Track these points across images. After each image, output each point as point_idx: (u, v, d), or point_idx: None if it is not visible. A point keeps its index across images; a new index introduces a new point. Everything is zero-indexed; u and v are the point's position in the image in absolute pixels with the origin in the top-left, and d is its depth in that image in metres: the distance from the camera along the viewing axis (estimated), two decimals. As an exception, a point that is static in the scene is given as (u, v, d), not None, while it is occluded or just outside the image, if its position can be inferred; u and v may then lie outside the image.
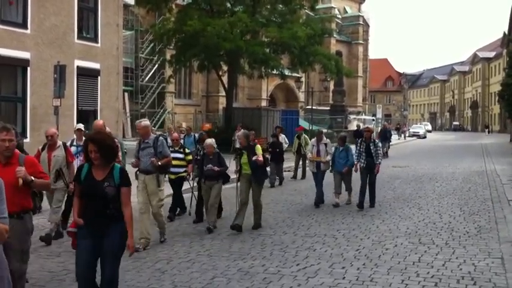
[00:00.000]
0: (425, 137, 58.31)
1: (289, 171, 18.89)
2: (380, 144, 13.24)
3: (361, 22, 70.08)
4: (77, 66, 18.57)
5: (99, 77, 19.61)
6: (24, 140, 16.15)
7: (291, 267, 7.33)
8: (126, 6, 32.79)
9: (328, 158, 12.70)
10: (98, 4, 19.66)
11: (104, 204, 4.98)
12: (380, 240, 8.92)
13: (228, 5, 30.01)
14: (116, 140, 6.09)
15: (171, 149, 10.16)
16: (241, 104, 47.85)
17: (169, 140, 11.18)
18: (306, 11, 35.06)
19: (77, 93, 18.71)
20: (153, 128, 37.51)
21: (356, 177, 12.77)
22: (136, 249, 7.37)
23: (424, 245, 8.53)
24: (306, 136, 18.54)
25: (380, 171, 12.87)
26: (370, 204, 12.18)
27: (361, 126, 39.23)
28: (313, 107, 35.63)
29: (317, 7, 35.35)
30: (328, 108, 48.49)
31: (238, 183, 10.05)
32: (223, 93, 34.36)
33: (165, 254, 8.13)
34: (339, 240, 8.90)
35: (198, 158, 10.48)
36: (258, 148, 9.91)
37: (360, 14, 72.25)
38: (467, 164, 24.11)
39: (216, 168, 9.68)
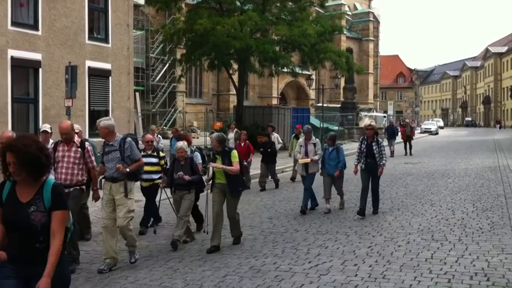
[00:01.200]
0: (437, 133, 58.02)
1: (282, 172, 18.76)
2: (384, 144, 11.84)
3: (371, 18, 69.89)
4: (88, 67, 18.69)
5: (110, 77, 19.71)
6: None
7: (302, 265, 7.34)
8: (137, 6, 32.95)
9: (317, 157, 11.59)
10: (108, 5, 19.75)
11: (29, 235, 3.65)
12: (392, 237, 8.90)
13: (238, 3, 30.02)
14: (44, 148, 4.87)
15: (143, 153, 9.29)
16: (252, 102, 47.97)
17: (141, 144, 9.79)
18: (316, 8, 35.03)
19: (89, 93, 18.83)
20: (164, 127, 37.20)
21: (356, 180, 12.35)
22: (101, 270, 7.13)
23: (437, 242, 8.50)
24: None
25: (392, 168, 12.75)
26: (373, 210, 11.08)
27: (364, 122, 39.12)
28: (324, 105, 35.54)
29: (327, 4, 35.22)
30: (339, 105, 48.38)
31: (211, 195, 8.74)
32: (234, 92, 34.41)
33: (177, 252, 8.16)
34: (351, 237, 8.89)
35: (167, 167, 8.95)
36: (234, 154, 8.38)
37: (370, 10, 72.08)
38: (480, 159, 23.95)
39: (186, 177, 8.39)
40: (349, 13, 65.37)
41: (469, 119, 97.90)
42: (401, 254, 7.79)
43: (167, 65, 40.69)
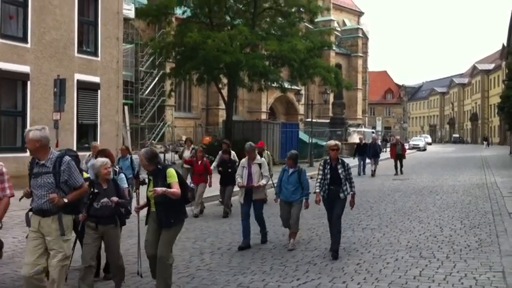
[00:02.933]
0: (425, 150, 58.33)
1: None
2: (350, 166, 9.31)
3: (360, 35, 70.40)
4: (77, 80, 18.64)
5: (99, 91, 19.67)
6: (24, 155, 16.21)
7: (291, 282, 7.29)
8: (127, 19, 32.96)
9: (263, 182, 9.59)
10: (98, 18, 19.76)
11: None
12: (381, 254, 8.88)
13: (228, 18, 30.15)
14: None
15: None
16: (241, 116, 47.94)
17: (83, 163, 8.14)
18: (305, 24, 35.21)
19: (77, 106, 18.76)
20: (153, 142, 36.61)
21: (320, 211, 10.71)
22: None
23: (425, 259, 8.49)
24: (269, 153, 15.82)
25: (381, 184, 12.62)
26: (331, 253, 8.68)
27: (355, 138, 38.64)
28: (313, 120, 35.64)
29: (316, 20, 35.41)
30: (328, 120, 48.56)
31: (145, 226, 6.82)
32: (223, 106, 34.38)
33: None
34: (339, 254, 8.86)
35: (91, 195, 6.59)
36: (171, 173, 6.41)
37: (359, 26, 72.62)
38: (468, 176, 24.07)
39: (114, 199, 6.48)
40: (338, 29, 65.83)
41: (457, 135, 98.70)
42: (390, 272, 7.77)
43: (156, 78, 40.64)
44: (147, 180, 6.67)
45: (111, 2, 20.35)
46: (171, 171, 6.44)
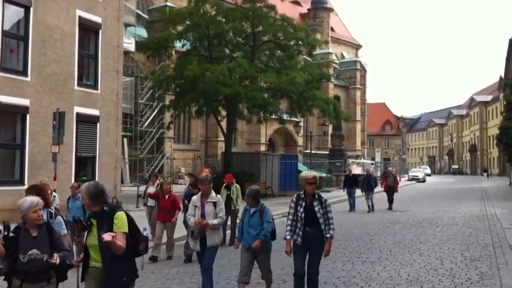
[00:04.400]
0: (424, 181, 58.20)
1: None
2: (329, 203, 7.56)
3: (358, 67, 70.97)
4: (77, 113, 18.69)
5: (98, 123, 19.69)
6: (21, 188, 16.14)
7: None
8: (127, 53, 33.30)
9: (217, 221, 7.86)
10: (99, 52, 19.92)
11: None
12: (381, 288, 8.76)
13: (227, 51, 30.46)
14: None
15: None
16: (240, 148, 47.99)
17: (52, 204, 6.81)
18: (304, 56, 35.56)
19: (76, 139, 18.76)
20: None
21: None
22: None
23: (426, 293, 8.38)
24: (238, 187, 14.02)
25: (380, 216, 12.41)
26: None
27: (354, 169, 37.79)
28: (312, 151, 35.69)
29: (315, 53, 35.82)
30: (327, 152, 48.57)
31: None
32: (222, 138, 34.46)
33: None
34: (339, 288, 8.73)
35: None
36: (120, 218, 5.02)
37: (357, 59, 73.25)
38: (468, 208, 23.97)
39: (55, 257, 5.11)
40: (337, 61, 66.41)
41: (456, 166, 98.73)
42: (390, 306, 7.66)
43: (156, 111, 40.81)
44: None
45: (112, 36, 20.55)
46: (121, 216, 5.03)
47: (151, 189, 13.94)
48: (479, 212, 21.99)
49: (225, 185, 13.81)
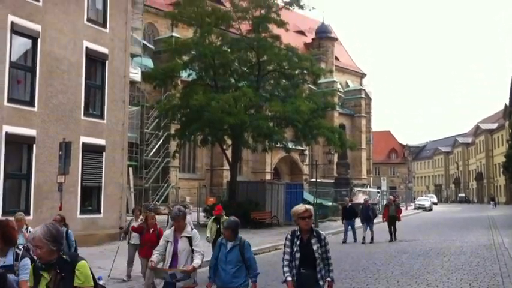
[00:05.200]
0: (431, 210, 57.80)
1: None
2: (328, 241, 6.50)
3: (363, 95, 71.26)
4: (83, 143, 18.76)
5: (104, 153, 19.75)
6: (27, 218, 16.15)
7: None
8: (133, 82, 33.55)
9: (197, 262, 6.89)
10: (105, 82, 20.08)
11: None
12: (388, 320, 8.63)
13: (233, 80, 30.69)
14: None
15: None
16: (245, 177, 47.97)
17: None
18: (309, 85, 35.78)
19: (82, 169, 18.80)
20: (156, 203, 36.19)
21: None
22: None
23: (434, 325, 8.25)
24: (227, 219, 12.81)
25: (387, 246, 12.15)
26: None
27: (360, 198, 37.11)
28: (318, 180, 35.57)
29: (319, 81, 36.09)
30: (333, 181, 48.44)
31: None
32: (228, 167, 34.46)
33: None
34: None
35: None
36: (83, 271, 4.12)
37: (362, 87, 73.61)
38: (475, 237, 23.75)
39: None
40: (341, 90, 66.78)
41: (463, 195, 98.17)
42: (399, 339, 7.53)
43: (161, 140, 40.95)
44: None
45: (118, 66, 20.75)
46: (84, 267, 4.14)
47: (135, 225, 12.48)
48: (486, 241, 21.77)
49: (213, 217, 12.81)
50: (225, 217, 12.13)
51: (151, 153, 41.10)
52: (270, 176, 51.58)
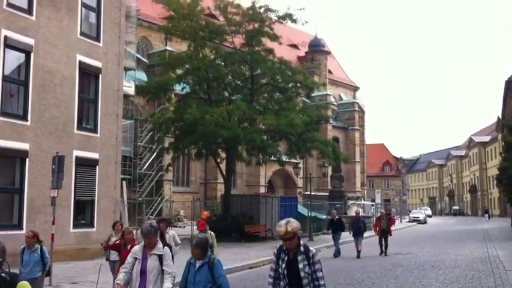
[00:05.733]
0: (425, 222, 57.83)
1: None
2: (318, 259, 5.67)
3: (356, 108, 71.47)
4: (76, 157, 18.69)
5: (97, 167, 19.66)
6: (20, 232, 16.02)
7: None
8: (126, 96, 33.51)
9: (167, 287, 6.31)
10: (99, 95, 20.04)
11: None
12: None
13: (226, 93, 30.75)
14: None
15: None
16: (239, 190, 47.86)
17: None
18: (302, 98, 35.88)
19: (75, 183, 18.70)
20: (150, 217, 36.22)
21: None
22: None
23: None
24: (213, 234, 12.28)
25: (382, 259, 12.20)
26: None
27: (353, 211, 36.66)
28: (312, 193, 35.54)
29: (313, 95, 36.23)
30: (327, 193, 48.41)
31: None
32: (222, 180, 34.42)
33: None
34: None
35: None
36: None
37: (355, 100, 73.84)
38: (469, 250, 23.74)
39: None
40: (335, 103, 66.96)
41: (457, 207, 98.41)
42: None
43: (155, 153, 40.85)
44: None
45: (112, 80, 20.74)
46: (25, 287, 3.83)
47: (114, 240, 11.56)
48: (481, 254, 21.76)
49: (197, 233, 11.71)
50: (210, 232, 11.80)
51: (145, 167, 40.96)
52: (264, 189, 51.49)
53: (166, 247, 6.76)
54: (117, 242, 10.85)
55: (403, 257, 21.19)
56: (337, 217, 23.16)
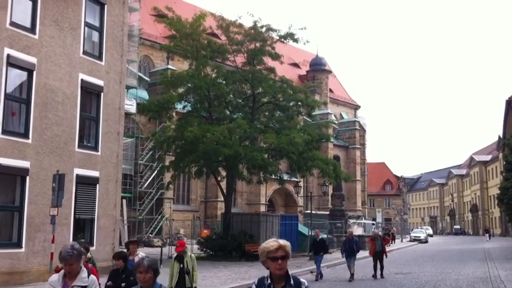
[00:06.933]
0: (426, 242, 57.56)
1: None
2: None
3: (357, 127, 71.61)
4: (77, 175, 18.64)
5: (97, 185, 19.62)
6: (19, 250, 15.98)
7: None
8: (128, 114, 33.65)
9: None
10: (100, 114, 20.05)
11: None
12: None
13: (227, 112, 30.83)
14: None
15: None
16: (240, 209, 47.80)
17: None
18: (303, 117, 35.96)
19: (75, 201, 18.62)
20: (150, 235, 35.98)
21: None
22: None
23: None
24: (193, 257, 10.25)
25: (383, 279, 12.09)
26: None
27: (355, 230, 35.83)
28: (313, 212, 35.48)
29: (314, 113, 36.26)
30: (328, 212, 48.28)
31: None
32: (222, 199, 34.38)
33: None
34: None
35: None
36: None
37: (356, 119, 74.00)
38: (471, 269, 23.61)
39: None
40: (336, 122, 67.09)
41: (458, 227, 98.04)
42: None
43: (156, 171, 40.87)
44: None
45: (113, 98, 20.79)
46: None
47: None
48: (482, 273, 21.65)
49: (175, 255, 10.16)
50: (190, 254, 10.19)
51: (145, 185, 40.98)
52: (265, 207, 51.40)
53: (93, 276, 5.43)
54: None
55: (404, 276, 21.08)
56: (320, 237, 21.96)
